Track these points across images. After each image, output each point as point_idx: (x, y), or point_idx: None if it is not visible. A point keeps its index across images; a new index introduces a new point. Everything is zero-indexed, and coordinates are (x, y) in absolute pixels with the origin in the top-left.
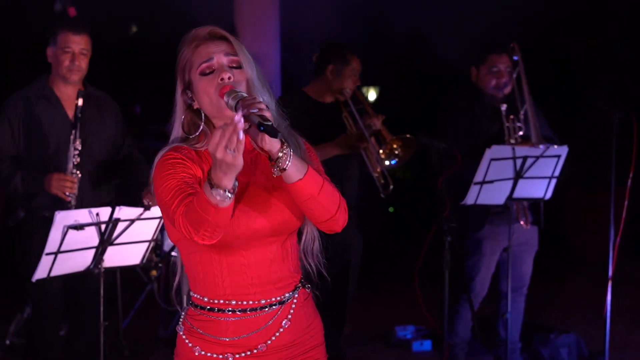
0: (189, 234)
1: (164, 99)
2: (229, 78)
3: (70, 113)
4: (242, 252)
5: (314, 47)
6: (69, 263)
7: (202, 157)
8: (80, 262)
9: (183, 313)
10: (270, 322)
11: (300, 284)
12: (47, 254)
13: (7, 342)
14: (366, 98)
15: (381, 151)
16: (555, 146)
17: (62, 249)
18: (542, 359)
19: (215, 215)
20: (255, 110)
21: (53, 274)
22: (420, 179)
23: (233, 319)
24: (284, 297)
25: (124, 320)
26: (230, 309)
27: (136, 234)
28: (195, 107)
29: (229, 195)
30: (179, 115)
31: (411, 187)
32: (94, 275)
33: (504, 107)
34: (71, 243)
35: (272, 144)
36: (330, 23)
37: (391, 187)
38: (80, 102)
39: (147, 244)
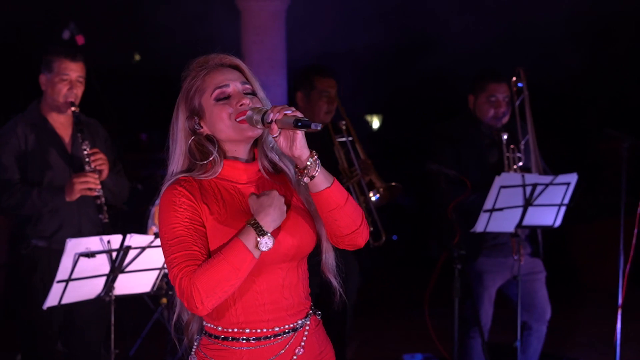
0: (196, 301)
1: (169, 126)
2: (248, 104)
3: (66, 138)
4: (254, 279)
5: None
6: (80, 291)
7: (207, 188)
8: (91, 289)
9: (196, 343)
10: (284, 350)
11: (311, 311)
12: (58, 282)
13: None
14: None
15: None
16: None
17: (73, 276)
18: None
19: (249, 266)
20: (289, 112)
21: (64, 301)
22: (426, 206)
23: (247, 348)
24: (297, 324)
25: (132, 348)
26: (244, 337)
27: (147, 261)
28: (204, 134)
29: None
30: (182, 143)
31: (417, 214)
32: (92, 306)
33: (505, 136)
34: (82, 270)
35: (302, 150)
36: (337, 51)
37: (383, 238)
38: (75, 111)
39: (157, 271)
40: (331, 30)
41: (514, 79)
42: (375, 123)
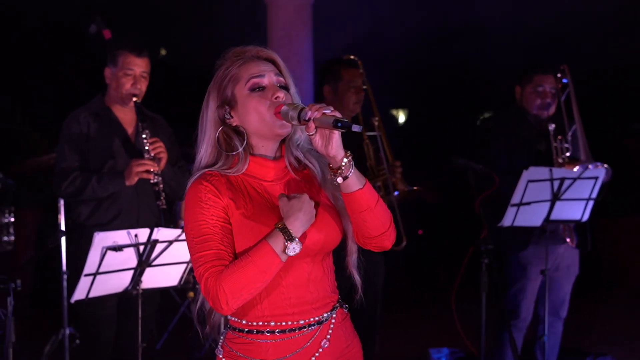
0: (222, 301)
1: (194, 121)
2: (283, 97)
3: (129, 130)
4: (280, 273)
5: None
6: (107, 284)
7: (234, 183)
8: (118, 283)
9: (222, 337)
10: (309, 342)
11: (338, 304)
12: (86, 275)
13: None
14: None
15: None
16: (591, 166)
17: (101, 270)
18: None
19: (277, 269)
20: (328, 111)
21: (92, 295)
22: (455, 201)
23: (272, 341)
24: (322, 317)
25: (159, 342)
26: (269, 330)
27: (174, 255)
28: (233, 124)
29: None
30: (210, 132)
31: (446, 208)
32: (146, 299)
33: (552, 126)
34: (110, 264)
35: (338, 150)
36: (363, 44)
37: (404, 243)
38: (137, 102)
39: (185, 265)
40: (357, 25)
41: (559, 75)
42: (401, 118)
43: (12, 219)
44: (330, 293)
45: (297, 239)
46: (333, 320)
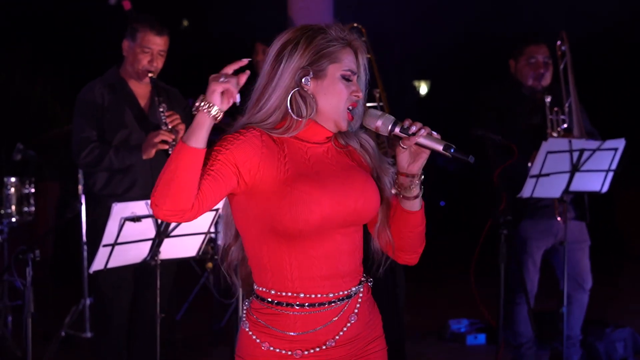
0: (152, 204)
1: None
2: (360, 98)
3: (143, 103)
4: (312, 244)
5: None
6: (125, 255)
7: (275, 142)
8: (137, 254)
9: (246, 305)
10: (338, 316)
11: (364, 278)
12: (105, 246)
13: (63, 333)
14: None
15: None
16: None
17: (119, 240)
18: (598, 353)
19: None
20: (435, 134)
21: (110, 265)
22: (473, 172)
23: (301, 313)
24: (351, 291)
25: (178, 313)
26: (298, 302)
27: (192, 226)
28: (308, 91)
29: (213, 108)
30: (286, 89)
31: (465, 180)
32: (162, 269)
33: (548, 98)
34: (128, 235)
35: (419, 170)
36: (384, 21)
37: None
38: (152, 76)
39: (202, 236)
40: None
41: (559, 42)
42: (423, 89)
43: (33, 190)
44: (359, 267)
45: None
46: (361, 295)
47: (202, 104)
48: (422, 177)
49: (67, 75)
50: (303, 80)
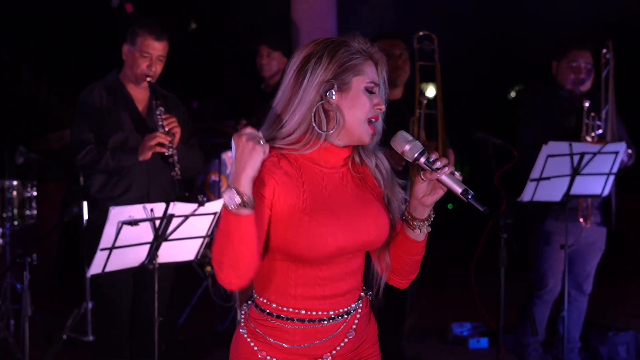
0: (217, 275)
1: (221, 95)
2: (383, 111)
3: (141, 107)
4: (320, 267)
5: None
6: (123, 259)
7: (291, 165)
8: (134, 257)
9: (244, 311)
10: (337, 332)
11: (363, 292)
12: (102, 250)
13: (64, 336)
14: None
15: None
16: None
17: (117, 244)
18: (600, 357)
19: (237, 228)
20: (458, 175)
21: (108, 269)
22: (475, 175)
23: (301, 328)
24: (351, 308)
25: (181, 316)
26: (298, 318)
27: (191, 229)
28: (333, 103)
29: (245, 199)
30: (311, 102)
31: (466, 182)
32: (160, 272)
33: (587, 103)
34: (126, 239)
35: (433, 203)
36: (387, 19)
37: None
38: (151, 81)
39: (201, 239)
40: None
41: (604, 51)
42: (431, 91)
43: (35, 193)
44: (360, 283)
45: (232, 189)
46: (360, 310)
47: (234, 198)
48: (433, 216)
49: (72, 77)
50: (327, 93)
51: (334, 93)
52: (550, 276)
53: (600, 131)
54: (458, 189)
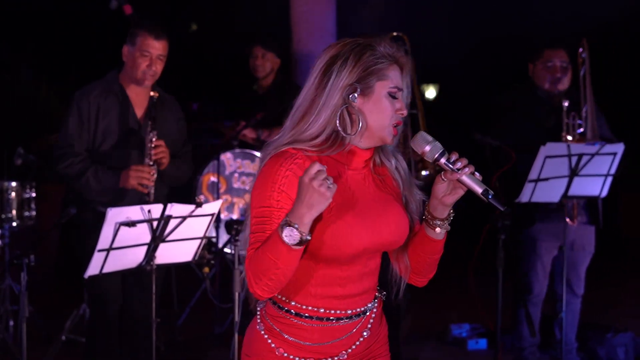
0: (250, 284)
1: (222, 96)
2: (405, 115)
3: (139, 113)
4: (341, 267)
5: None
6: (121, 260)
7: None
8: (132, 259)
9: (260, 307)
10: (354, 330)
11: (377, 292)
12: (100, 251)
13: (63, 337)
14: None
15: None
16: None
17: (114, 245)
18: (599, 359)
19: (287, 258)
20: (478, 175)
21: (105, 270)
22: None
23: (319, 326)
24: (367, 308)
25: (180, 317)
26: (317, 316)
27: (188, 231)
28: (355, 107)
29: (304, 238)
30: (335, 105)
31: None
32: (149, 274)
33: (566, 103)
34: (123, 240)
35: (453, 202)
36: (386, 20)
37: None
38: (153, 97)
39: (199, 241)
40: None
41: (580, 50)
42: (432, 92)
43: (34, 194)
44: (376, 283)
45: (293, 225)
46: (375, 310)
47: (294, 236)
48: (453, 215)
49: (72, 78)
50: (350, 97)
51: (356, 97)
52: (535, 282)
53: (581, 130)
54: (478, 189)
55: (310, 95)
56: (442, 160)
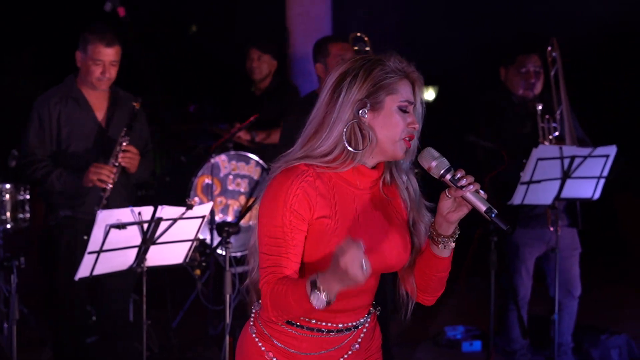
0: (265, 307)
1: (218, 98)
2: (417, 129)
3: (99, 115)
4: None
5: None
6: (111, 262)
7: (323, 187)
8: (122, 261)
9: (254, 309)
10: (343, 343)
11: (372, 307)
12: (90, 253)
13: None
14: None
15: None
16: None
17: (105, 248)
18: None
19: (306, 313)
20: (483, 193)
21: (96, 272)
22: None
23: (309, 336)
24: (359, 322)
25: (174, 319)
26: (308, 327)
27: (179, 233)
28: (365, 122)
29: (330, 302)
30: (345, 120)
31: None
32: (116, 276)
33: (539, 106)
34: (114, 242)
35: (458, 219)
36: (384, 20)
37: None
38: (135, 108)
39: (190, 243)
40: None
41: (549, 48)
42: (430, 94)
43: (28, 197)
44: (372, 299)
45: (324, 296)
46: (367, 325)
47: (323, 302)
48: (458, 232)
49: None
50: (360, 112)
51: (366, 112)
52: (521, 286)
53: (557, 133)
54: (482, 207)
55: (322, 112)
56: (448, 177)
